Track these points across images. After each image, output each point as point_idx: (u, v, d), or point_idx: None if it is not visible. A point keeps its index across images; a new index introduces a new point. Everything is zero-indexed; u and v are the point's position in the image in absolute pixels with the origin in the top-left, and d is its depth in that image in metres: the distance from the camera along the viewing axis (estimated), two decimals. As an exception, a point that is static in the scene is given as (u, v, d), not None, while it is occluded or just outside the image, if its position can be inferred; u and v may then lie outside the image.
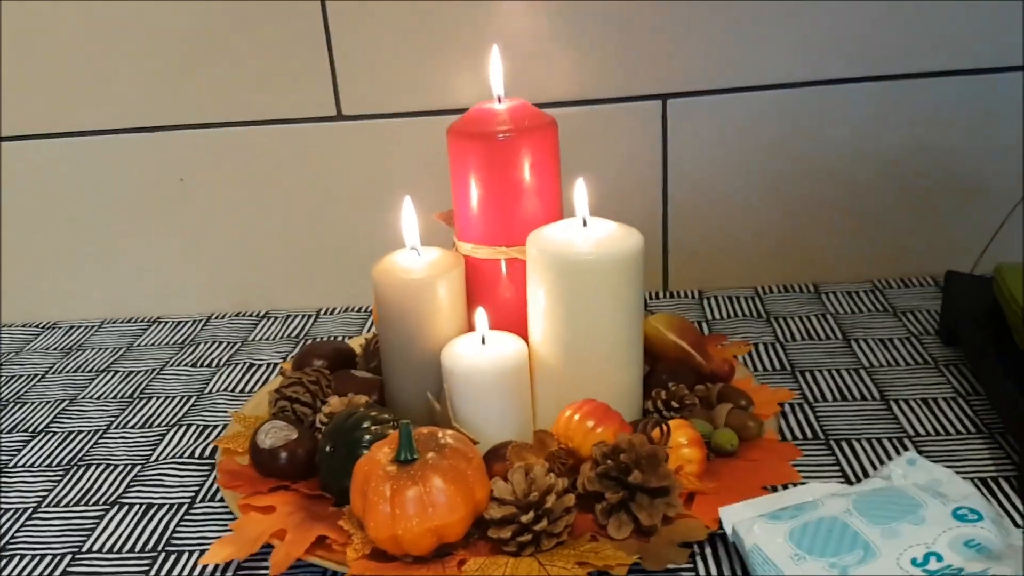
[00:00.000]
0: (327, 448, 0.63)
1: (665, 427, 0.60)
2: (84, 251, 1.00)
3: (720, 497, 0.59)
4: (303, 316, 0.99)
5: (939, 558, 0.51)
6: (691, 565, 0.56)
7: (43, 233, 0.99)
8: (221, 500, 0.67)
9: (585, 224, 0.66)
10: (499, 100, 0.70)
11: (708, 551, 0.58)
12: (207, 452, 0.74)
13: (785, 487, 0.61)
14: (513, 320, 0.69)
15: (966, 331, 0.77)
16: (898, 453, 0.66)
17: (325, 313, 0.99)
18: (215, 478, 0.68)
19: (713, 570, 0.56)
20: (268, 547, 0.59)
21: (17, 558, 0.63)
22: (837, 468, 0.65)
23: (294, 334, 0.95)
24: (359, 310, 0.99)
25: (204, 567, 0.60)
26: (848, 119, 0.91)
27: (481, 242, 0.70)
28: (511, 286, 0.70)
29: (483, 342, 0.66)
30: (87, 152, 0.96)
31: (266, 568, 0.58)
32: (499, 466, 0.61)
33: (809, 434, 0.69)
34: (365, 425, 0.62)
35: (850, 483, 0.63)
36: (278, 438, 0.66)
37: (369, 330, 0.94)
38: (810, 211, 0.95)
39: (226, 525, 0.64)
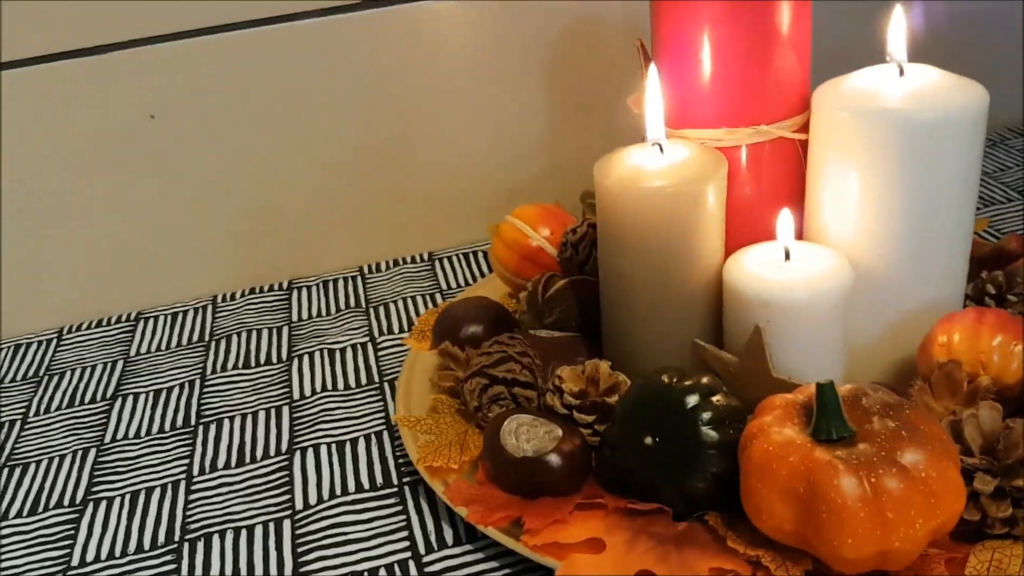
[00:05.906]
0: (645, 440, 0.42)
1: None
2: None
3: None
4: (346, 278, 0.75)
5: None
6: None
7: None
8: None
9: (902, 73, 0.48)
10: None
11: None
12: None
13: None
14: (754, 226, 0.51)
15: None
16: None
17: (375, 270, 0.75)
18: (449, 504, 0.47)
19: None
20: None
21: None
22: None
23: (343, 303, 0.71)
24: (421, 260, 0.76)
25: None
26: None
27: (718, 123, 0.50)
28: (751, 180, 0.52)
29: (787, 257, 0.48)
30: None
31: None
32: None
33: None
34: (695, 400, 0.42)
35: None
36: (540, 439, 0.45)
37: (471, 280, 0.72)
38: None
39: None
